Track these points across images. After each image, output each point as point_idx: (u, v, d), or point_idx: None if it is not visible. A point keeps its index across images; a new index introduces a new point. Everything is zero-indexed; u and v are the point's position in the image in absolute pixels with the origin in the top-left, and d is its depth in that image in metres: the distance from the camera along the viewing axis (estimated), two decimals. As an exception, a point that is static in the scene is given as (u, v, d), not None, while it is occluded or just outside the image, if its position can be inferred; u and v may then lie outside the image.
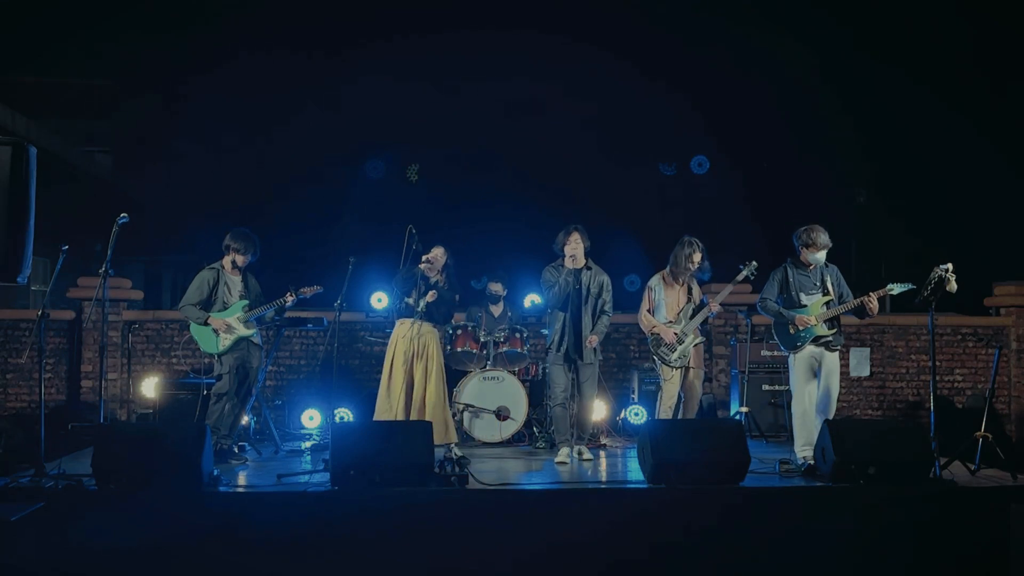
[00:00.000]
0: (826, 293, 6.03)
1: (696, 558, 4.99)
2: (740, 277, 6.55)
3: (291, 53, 10.72)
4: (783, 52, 10.59)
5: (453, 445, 6.35)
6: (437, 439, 6.28)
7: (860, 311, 5.94)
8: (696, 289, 6.57)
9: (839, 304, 5.99)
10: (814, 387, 5.99)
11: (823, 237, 5.96)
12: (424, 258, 6.59)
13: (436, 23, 10.38)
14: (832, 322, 5.99)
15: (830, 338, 5.97)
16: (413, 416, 6.56)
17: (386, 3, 10.69)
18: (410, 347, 6.58)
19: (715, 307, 6.44)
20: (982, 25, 10.04)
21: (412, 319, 6.63)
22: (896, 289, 5.88)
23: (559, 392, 6.36)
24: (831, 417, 5.89)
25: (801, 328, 5.95)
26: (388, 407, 6.59)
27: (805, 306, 6.02)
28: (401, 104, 10.97)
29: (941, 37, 10.21)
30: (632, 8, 10.45)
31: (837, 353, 6.03)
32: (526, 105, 10.91)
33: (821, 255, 6.01)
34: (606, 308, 6.39)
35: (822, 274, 6.07)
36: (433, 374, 6.65)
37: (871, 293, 5.89)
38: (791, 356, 6.07)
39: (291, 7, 10.57)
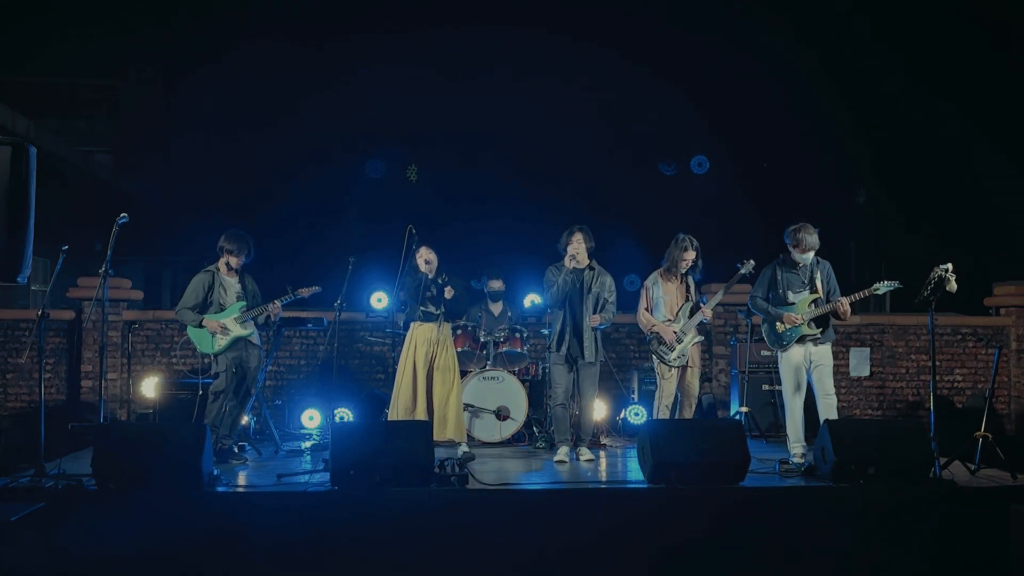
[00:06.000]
0: (814, 291, 6.03)
1: (696, 558, 4.99)
2: (737, 277, 6.56)
3: (289, 50, 10.71)
4: (783, 52, 10.59)
5: (463, 443, 6.33)
6: (457, 435, 6.37)
7: (835, 312, 5.94)
8: (693, 287, 6.58)
9: (826, 302, 5.99)
10: (803, 385, 6.01)
11: (810, 239, 5.95)
12: (423, 260, 6.45)
13: (436, 19, 10.38)
14: (820, 320, 5.98)
15: (818, 335, 5.97)
16: (428, 414, 6.37)
17: (387, -1, 10.69)
18: (431, 349, 6.43)
19: (708, 313, 6.45)
20: (983, 24, 10.03)
21: (434, 322, 6.47)
22: (882, 288, 5.87)
23: (560, 392, 6.37)
24: (832, 410, 5.90)
25: (788, 326, 5.97)
26: (407, 407, 6.36)
27: (792, 304, 6.03)
28: (401, 102, 10.97)
29: (941, 36, 10.20)
30: (633, 7, 10.44)
31: (828, 346, 6.02)
32: (526, 105, 10.91)
33: (808, 256, 6.02)
34: (608, 306, 6.39)
35: (812, 271, 6.06)
36: (454, 373, 6.51)
37: (842, 298, 5.89)
38: (780, 354, 6.09)
39: (289, 3, 10.56)
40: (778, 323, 6.02)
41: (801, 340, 5.98)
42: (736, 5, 10.41)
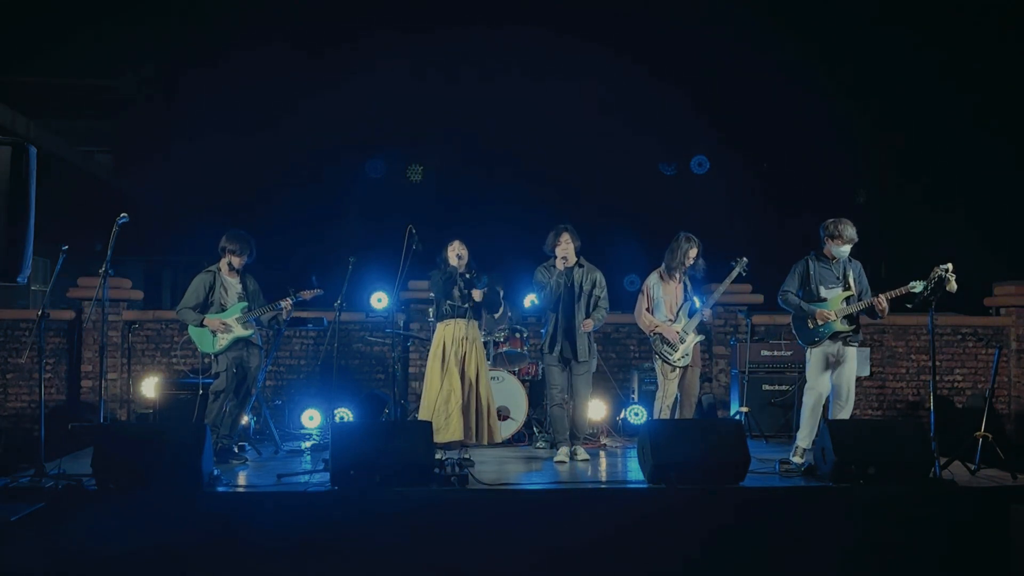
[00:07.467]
0: (847, 288, 5.95)
1: (696, 558, 4.98)
2: (732, 275, 6.55)
3: (289, 50, 10.72)
4: (783, 52, 10.59)
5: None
6: (495, 438, 6.43)
7: (871, 311, 5.89)
8: (690, 287, 6.58)
9: (858, 301, 5.93)
10: (827, 382, 5.94)
11: (850, 231, 5.89)
12: (455, 254, 6.43)
13: (437, 18, 10.38)
14: (851, 318, 5.93)
15: (849, 334, 5.91)
16: (470, 416, 6.33)
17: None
18: (460, 348, 6.37)
19: (707, 313, 6.48)
20: (982, 24, 10.03)
21: (461, 317, 6.42)
22: (919, 287, 5.73)
23: (556, 393, 6.38)
24: (849, 410, 5.88)
25: (820, 323, 5.87)
26: (441, 408, 6.27)
27: (825, 300, 5.94)
28: (402, 102, 10.97)
29: (942, 32, 10.20)
30: (634, 7, 10.45)
31: (855, 347, 5.97)
32: (526, 105, 10.91)
33: (846, 248, 5.92)
34: (600, 303, 6.38)
35: (844, 268, 5.99)
36: (485, 373, 6.49)
37: (880, 295, 5.85)
38: (809, 351, 5.98)
39: (289, 3, 10.56)
40: (809, 320, 5.92)
41: (834, 337, 5.89)
42: (738, 6, 10.41)
